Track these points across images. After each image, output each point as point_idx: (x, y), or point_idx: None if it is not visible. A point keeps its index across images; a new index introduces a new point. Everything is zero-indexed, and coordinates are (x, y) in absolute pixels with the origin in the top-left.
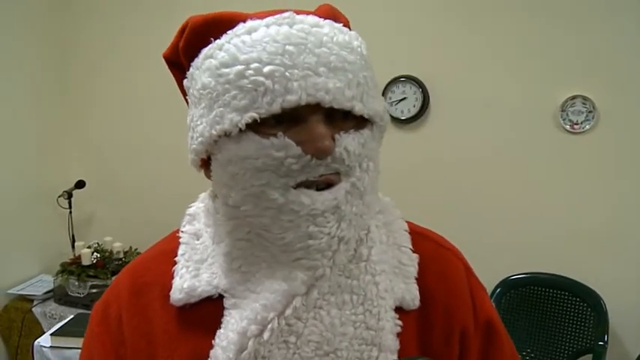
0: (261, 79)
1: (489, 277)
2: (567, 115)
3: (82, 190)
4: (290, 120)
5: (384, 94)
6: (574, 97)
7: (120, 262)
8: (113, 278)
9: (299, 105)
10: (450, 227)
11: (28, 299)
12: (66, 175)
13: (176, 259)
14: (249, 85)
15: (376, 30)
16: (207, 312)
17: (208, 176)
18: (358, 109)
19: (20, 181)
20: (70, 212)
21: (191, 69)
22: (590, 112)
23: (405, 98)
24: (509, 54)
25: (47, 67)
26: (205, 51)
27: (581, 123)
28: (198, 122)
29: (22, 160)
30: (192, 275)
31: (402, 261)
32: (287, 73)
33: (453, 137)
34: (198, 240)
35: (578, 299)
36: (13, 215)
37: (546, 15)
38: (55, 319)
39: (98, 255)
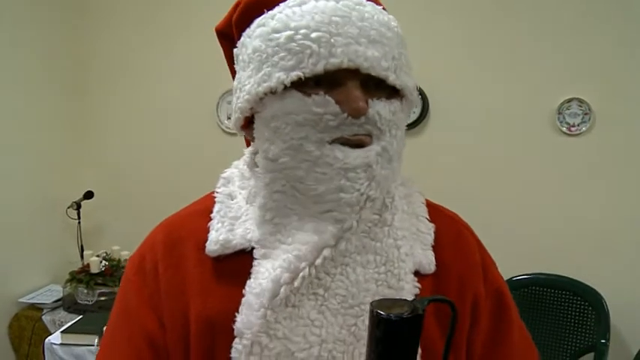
0: (309, 42)
1: None
2: (564, 117)
3: (90, 200)
4: (329, 84)
5: None
6: (570, 100)
7: None
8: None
9: (339, 69)
10: None
11: (38, 308)
12: (75, 187)
13: (212, 215)
14: (297, 48)
15: None
16: (239, 264)
17: (249, 136)
18: (392, 79)
19: (30, 193)
20: (79, 223)
21: (242, 38)
22: (586, 114)
23: None
24: (506, 60)
25: (57, 79)
26: (258, 20)
27: (578, 125)
28: (246, 82)
29: (32, 171)
30: (228, 230)
31: (419, 229)
32: (332, 40)
33: (453, 143)
34: (232, 200)
35: (579, 298)
36: (23, 226)
37: (541, 21)
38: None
39: (106, 263)
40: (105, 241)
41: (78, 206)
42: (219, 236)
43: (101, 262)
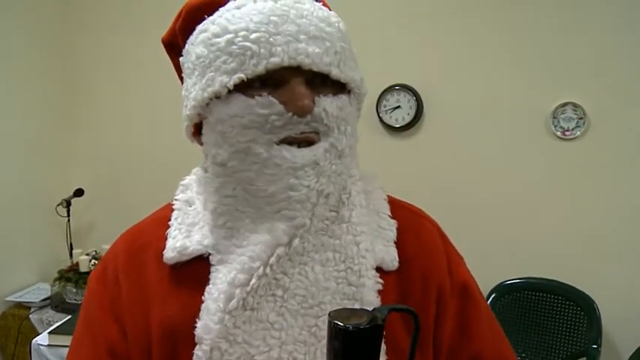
0: (248, 44)
1: (483, 283)
2: (558, 121)
3: (80, 198)
4: (274, 83)
5: (378, 102)
6: (565, 104)
7: None
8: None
9: (281, 67)
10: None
11: (25, 306)
12: (65, 184)
13: (169, 222)
14: (238, 50)
15: (370, 39)
16: (197, 270)
17: (200, 143)
18: (335, 73)
19: (19, 190)
20: (69, 220)
21: (186, 45)
22: (580, 118)
23: (399, 106)
24: (502, 62)
25: (47, 76)
26: (200, 27)
27: (572, 129)
28: (192, 90)
29: (21, 168)
30: (185, 236)
31: (381, 225)
32: (271, 39)
33: (447, 145)
34: (190, 207)
35: (571, 303)
36: (11, 223)
37: (537, 24)
38: (52, 325)
39: (96, 262)
40: (94, 239)
41: (67, 204)
42: (176, 243)
43: (90, 260)
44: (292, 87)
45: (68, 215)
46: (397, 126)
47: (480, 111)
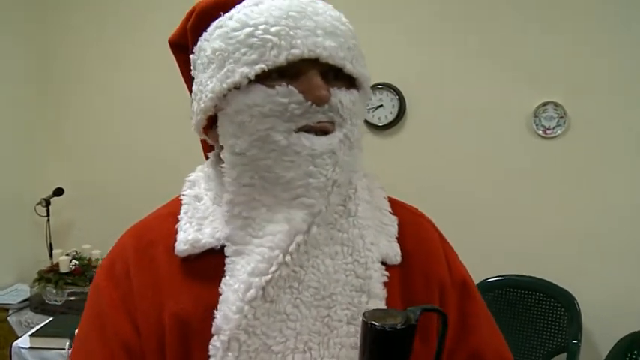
0: (269, 36)
1: None
2: (540, 120)
3: (60, 197)
4: (290, 75)
5: None
6: (546, 104)
7: None
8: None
9: (301, 59)
10: None
11: (3, 308)
12: (44, 183)
13: (179, 217)
14: (259, 42)
15: None
16: (210, 263)
17: (212, 138)
18: (349, 67)
19: None
20: (48, 220)
21: (199, 42)
22: (561, 117)
23: (381, 105)
24: (484, 62)
25: (24, 74)
26: (215, 23)
27: (553, 128)
28: (208, 82)
29: (0, 167)
30: (196, 229)
31: (383, 221)
32: (291, 32)
33: (429, 143)
34: (199, 202)
35: (551, 300)
36: None
37: (519, 24)
38: (32, 327)
39: (77, 262)
40: (75, 239)
41: (47, 203)
42: (188, 236)
43: (71, 261)
44: (309, 77)
45: (48, 215)
46: (380, 125)
47: (462, 110)
